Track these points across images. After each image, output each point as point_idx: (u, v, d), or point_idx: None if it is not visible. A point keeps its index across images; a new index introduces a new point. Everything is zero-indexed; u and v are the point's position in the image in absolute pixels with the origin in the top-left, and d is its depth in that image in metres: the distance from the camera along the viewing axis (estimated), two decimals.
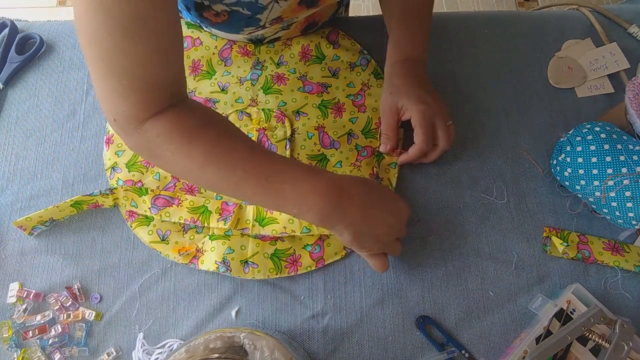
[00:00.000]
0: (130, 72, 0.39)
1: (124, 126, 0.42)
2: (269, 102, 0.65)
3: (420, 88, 0.59)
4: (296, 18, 0.60)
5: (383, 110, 0.61)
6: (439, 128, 0.58)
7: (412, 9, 0.60)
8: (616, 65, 0.69)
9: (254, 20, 0.55)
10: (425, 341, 0.57)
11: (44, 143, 0.65)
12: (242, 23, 0.56)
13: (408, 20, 0.60)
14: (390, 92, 0.60)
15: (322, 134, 0.64)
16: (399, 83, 0.59)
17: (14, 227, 0.58)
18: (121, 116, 0.42)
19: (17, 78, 0.68)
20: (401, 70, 0.60)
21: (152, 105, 0.42)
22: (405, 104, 0.58)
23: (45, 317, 0.56)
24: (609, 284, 0.60)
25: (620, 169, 0.56)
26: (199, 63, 0.67)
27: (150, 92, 0.41)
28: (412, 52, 0.60)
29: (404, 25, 0.61)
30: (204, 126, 0.45)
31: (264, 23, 0.56)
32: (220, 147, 0.45)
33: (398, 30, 0.61)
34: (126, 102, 0.41)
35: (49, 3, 1.78)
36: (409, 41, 0.61)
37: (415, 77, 0.59)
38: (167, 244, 0.59)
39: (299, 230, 0.58)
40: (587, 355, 0.55)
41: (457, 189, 0.63)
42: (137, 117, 0.42)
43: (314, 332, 0.57)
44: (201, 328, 0.57)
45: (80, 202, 0.59)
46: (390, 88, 0.60)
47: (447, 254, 0.61)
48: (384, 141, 0.61)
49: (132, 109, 0.41)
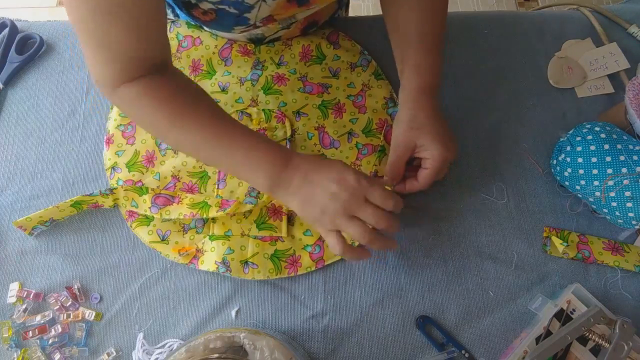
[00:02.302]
0: (110, 47, 0.46)
1: (103, 87, 0.50)
2: (269, 103, 0.65)
3: (443, 128, 0.55)
4: (294, 19, 0.60)
5: (398, 144, 0.57)
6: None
7: (429, 33, 0.57)
8: (616, 65, 0.69)
9: (242, 19, 0.55)
10: (425, 341, 0.57)
11: (44, 143, 0.65)
12: (231, 22, 0.56)
13: (426, 46, 0.57)
14: (411, 126, 0.55)
15: (323, 134, 0.64)
16: (423, 119, 0.55)
17: (14, 227, 0.58)
18: (101, 78, 0.49)
19: (17, 78, 0.68)
20: (426, 103, 0.56)
21: (126, 73, 0.48)
22: (426, 145, 0.55)
23: (45, 317, 0.56)
24: (609, 284, 0.60)
25: (620, 169, 0.56)
26: (199, 63, 0.67)
27: (127, 63, 0.48)
28: (431, 79, 0.57)
29: (422, 51, 0.57)
30: (173, 95, 0.50)
31: (254, 22, 0.55)
32: (182, 116, 0.50)
33: (417, 56, 0.57)
34: (106, 68, 0.48)
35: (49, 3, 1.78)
36: (429, 67, 0.57)
37: (438, 114, 0.56)
38: (167, 244, 0.59)
39: None
40: (587, 355, 0.55)
41: (457, 189, 0.63)
42: (114, 82, 0.49)
43: (314, 332, 0.57)
44: (201, 328, 0.57)
45: (80, 202, 0.59)
46: (411, 122, 0.56)
47: (447, 254, 0.61)
48: (392, 176, 0.57)
49: (111, 75, 0.49)
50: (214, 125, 0.51)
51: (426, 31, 0.57)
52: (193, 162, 0.62)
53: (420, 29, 0.57)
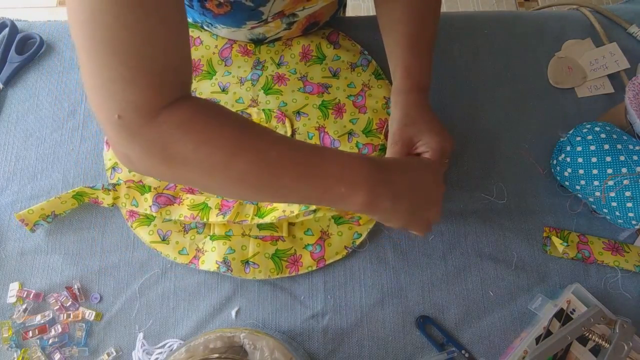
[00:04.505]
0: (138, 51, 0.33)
1: (133, 121, 0.34)
2: (270, 103, 0.65)
3: (437, 121, 0.56)
4: (296, 17, 0.60)
5: (396, 142, 0.56)
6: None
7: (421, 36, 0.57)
8: (616, 65, 0.69)
9: (256, 13, 0.54)
10: (425, 341, 0.57)
11: (44, 143, 0.65)
12: (244, 15, 0.55)
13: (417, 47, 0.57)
14: (405, 123, 0.56)
15: (323, 134, 0.64)
16: (416, 115, 0.56)
17: (14, 227, 0.58)
18: (130, 108, 0.34)
19: (17, 78, 0.68)
20: (417, 101, 0.56)
21: (167, 89, 0.35)
22: (424, 139, 0.55)
23: (45, 317, 0.56)
24: (609, 284, 0.60)
25: (620, 169, 0.56)
26: (199, 63, 0.67)
27: (164, 74, 0.35)
28: (422, 80, 0.57)
29: (413, 53, 0.57)
30: (224, 113, 0.39)
31: (266, 17, 0.55)
32: (249, 132, 0.39)
33: (407, 58, 0.57)
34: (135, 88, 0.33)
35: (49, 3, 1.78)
36: (419, 69, 0.57)
37: (430, 110, 0.57)
38: (167, 244, 0.59)
39: (298, 210, 0.57)
40: (587, 355, 0.55)
41: (457, 189, 0.63)
42: (151, 106, 0.34)
43: (314, 332, 0.57)
44: (201, 328, 0.57)
45: (81, 194, 0.59)
46: (405, 119, 0.56)
47: (447, 254, 0.61)
48: None
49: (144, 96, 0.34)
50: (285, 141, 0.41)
51: (416, 33, 0.57)
52: None
53: (410, 31, 0.57)
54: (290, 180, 0.40)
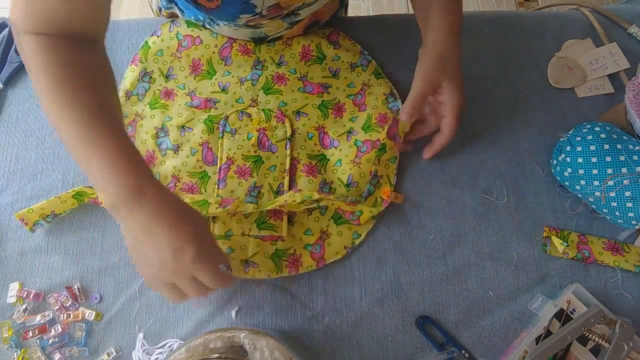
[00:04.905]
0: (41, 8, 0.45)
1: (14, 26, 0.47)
2: (270, 103, 0.65)
3: (461, 77, 0.56)
4: (299, 17, 0.60)
5: (423, 80, 0.56)
6: None
7: None
8: (616, 65, 0.69)
9: (249, 7, 0.54)
10: (425, 341, 0.57)
11: (44, 143, 0.65)
12: (237, 9, 0.55)
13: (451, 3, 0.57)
14: (441, 64, 0.55)
15: (323, 134, 0.64)
16: (454, 62, 0.55)
17: (14, 227, 0.58)
18: (13, 17, 0.47)
19: (17, 78, 0.68)
20: (455, 48, 0.55)
21: (32, 25, 0.46)
22: (447, 88, 0.54)
23: (45, 317, 0.56)
24: (609, 284, 0.60)
25: (620, 169, 0.56)
26: (199, 63, 0.67)
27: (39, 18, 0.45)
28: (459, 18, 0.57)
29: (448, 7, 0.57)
30: (67, 66, 0.46)
31: (260, 10, 0.55)
32: (62, 91, 0.45)
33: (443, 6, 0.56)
34: (19, 12, 0.46)
35: None
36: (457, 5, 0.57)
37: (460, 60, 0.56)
38: None
39: (300, 199, 0.57)
40: (587, 355, 0.55)
41: (457, 189, 0.63)
42: (20, 26, 0.46)
43: (314, 332, 0.57)
44: (201, 328, 0.57)
45: (81, 194, 0.59)
46: (441, 60, 0.55)
47: (447, 254, 0.61)
48: (410, 113, 0.57)
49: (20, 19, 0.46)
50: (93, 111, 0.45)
51: None
52: (193, 162, 0.62)
53: None
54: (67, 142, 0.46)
